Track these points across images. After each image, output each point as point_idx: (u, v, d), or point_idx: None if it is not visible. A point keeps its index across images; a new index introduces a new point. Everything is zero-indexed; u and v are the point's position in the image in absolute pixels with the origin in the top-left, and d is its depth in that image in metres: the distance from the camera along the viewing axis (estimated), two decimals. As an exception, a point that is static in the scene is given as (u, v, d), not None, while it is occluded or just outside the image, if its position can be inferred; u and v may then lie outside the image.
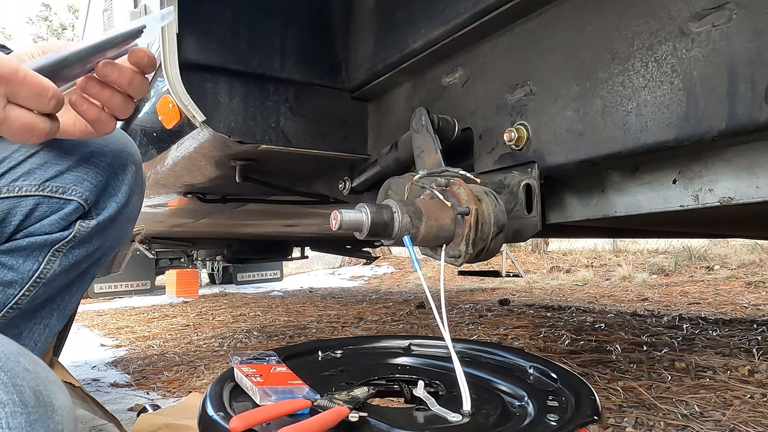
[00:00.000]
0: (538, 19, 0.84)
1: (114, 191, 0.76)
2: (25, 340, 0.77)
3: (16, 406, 0.40)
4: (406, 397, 0.74)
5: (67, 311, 0.81)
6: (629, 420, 1.31)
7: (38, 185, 0.70)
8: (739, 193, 0.73)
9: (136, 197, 0.80)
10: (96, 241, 0.77)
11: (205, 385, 1.89)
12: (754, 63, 0.58)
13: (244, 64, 1.12)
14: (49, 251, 0.72)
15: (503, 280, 5.49)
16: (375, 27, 1.13)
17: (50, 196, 0.70)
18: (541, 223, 0.83)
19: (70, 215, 0.72)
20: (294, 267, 10.07)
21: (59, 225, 0.72)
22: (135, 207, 0.81)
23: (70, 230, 0.73)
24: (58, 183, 0.71)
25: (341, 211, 0.69)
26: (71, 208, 0.72)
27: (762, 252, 5.74)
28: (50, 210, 0.71)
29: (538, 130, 0.83)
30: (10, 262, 0.71)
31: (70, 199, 0.71)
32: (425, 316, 3.32)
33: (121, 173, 0.76)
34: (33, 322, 0.77)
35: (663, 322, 2.79)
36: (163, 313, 4.41)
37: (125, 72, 0.61)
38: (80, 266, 0.78)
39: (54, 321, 0.79)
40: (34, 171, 0.70)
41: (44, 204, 0.70)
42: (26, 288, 0.72)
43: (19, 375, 0.42)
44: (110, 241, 0.79)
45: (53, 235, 0.72)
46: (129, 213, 0.80)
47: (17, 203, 0.69)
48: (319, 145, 1.22)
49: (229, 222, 2.56)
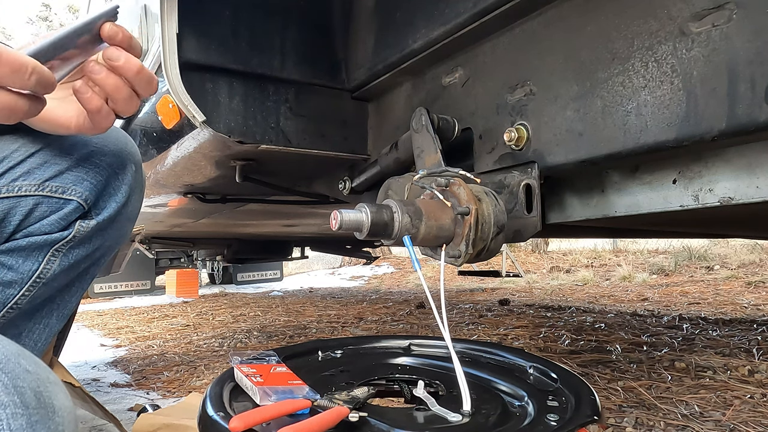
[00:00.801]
0: (538, 19, 0.84)
1: (114, 191, 0.76)
2: (25, 339, 0.77)
3: (17, 407, 0.40)
4: (406, 397, 0.75)
5: (67, 311, 0.81)
6: (629, 420, 1.31)
7: (38, 185, 0.70)
8: (739, 193, 0.73)
9: (136, 197, 0.80)
10: (96, 240, 0.77)
11: (205, 385, 1.89)
12: (754, 63, 0.58)
13: (244, 64, 1.12)
14: (48, 251, 0.72)
15: (503, 280, 5.49)
16: (375, 27, 1.13)
17: (50, 195, 0.70)
18: (541, 223, 0.83)
19: (69, 215, 0.72)
20: (294, 267, 10.07)
21: (59, 225, 0.72)
22: (135, 207, 0.81)
23: (70, 230, 0.73)
24: (57, 183, 0.71)
25: (341, 211, 0.69)
26: (71, 208, 0.72)
27: (762, 252, 5.74)
28: (50, 210, 0.71)
29: (538, 130, 0.83)
30: (9, 262, 0.71)
31: (69, 199, 0.71)
32: (425, 316, 3.32)
33: (121, 173, 0.76)
34: (33, 322, 0.77)
35: (663, 322, 2.79)
36: (163, 313, 4.41)
37: (133, 61, 0.61)
38: (80, 266, 0.78)
39: (54, 320, 0.80)
40: (33, 171, 0.70)
41: (44, 204, 0.70)
42: (26, 288, 0.72)
43: (20, 376, 0.41)
44: (110, 241, 0.80)
45: (53, 235, 0.72)
46: (129, 213, 0.80)
47: (17, 203, 0.69)
48: (319, 145, 1.22)
49: (229, 222, 2.56)
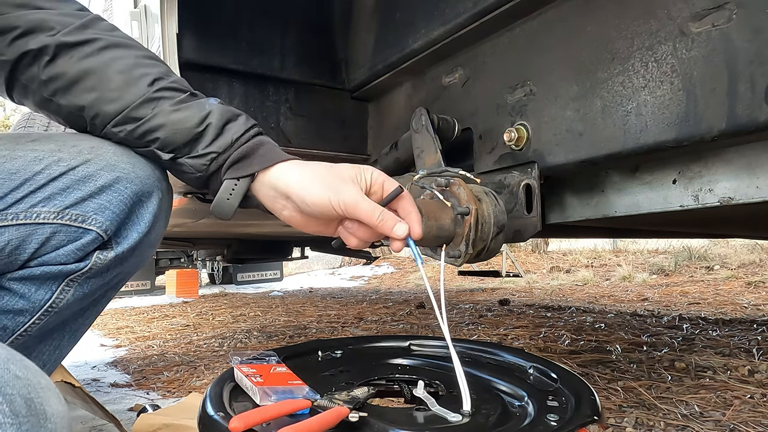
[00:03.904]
0: (538, 19, 0.84)
1: (137, 220, 0.72)
2: (35, 360, 0.72)
3: (6, 416, 0.38)
4: (406, 397, 0.74)
5: (80, 334, 0.78)
6: (629, 420, 1.31)
7: (57, 212, 0.66)
8: (739, 193, 0.73)
9: (161, 224, 0.77)
10: (113, 270, 0.73)
11: (205, 385, 1.89)
12: (754, 63, 0.58)
13: (244, 64, 1.12)
14: (63, 281, 0.69)
15: (503, 280, 5.49)
16: (375, 27, 1.13)
17: (69, 224, 0.67)
18: (541, 223, 0.83)
19: (87, 246, 0.68)
20: (294, 267, 10.07)
21: (75, 256, 0.68)
22: (158, 233, 0.77)
23: (87, 261, 0.69)
24: (78, 211, 0.67)
25: (341, 211, 0.69)
26: (89, 239, 0.68)
27: (762, 252, 5.74)
28: (67, 239, 0.67)
29: (538, 130, 0.83)
30: (21, 290, 0.68)
31: (89, 229, 0.67)
32: (425, 316, 3.32)
33: (147, 201, 0.72)
34: (43, 344, 0.75)
35: (663, 322, 2.79)
36: (163, 313, 4.41)
37: None
38: (95, 294, 0.74)
39: (65, 343, 0.77)
40: (54, 196, 0.66)
41: (61, 233, 0.67)
42: (37, 317, 0.69)
43: (9, 383, 0.40)
44: (129, 268, 0.76)
45: (69, 266, 0.68)
46: (151, 240, 0.76)
47: (33, 230, 0.66)
48: (319, 145, 1.22)
49: (229, 222, 2.56)
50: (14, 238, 0.65)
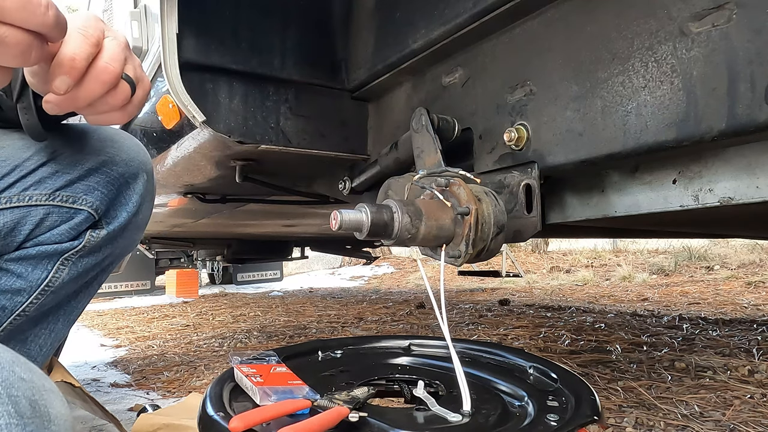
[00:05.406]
0: (538, 19, 0.84)
1: (125, 200, 0.76)
2: (31, 344, 0.77)
3: (11, 417, 0.39)
4: (406, 397, 0.74)
5: (74, 317, 0.81)
6: (629, 420, 1.31)
7: (49, 194, 0.70)
8: (739, 193, 0.72)
9: (147, 205, 0.81)
10: (105, 249, 0.77)
11: (205, 385, 1.89)
12: (754, 63, 0.58)
13: (244, 64, 1.12)
14: (58, 260, 0.73)
15: (503, 280, 5.49)
16: (375, 27, 1.13)
17: (60, 205, 0.70)
18: (541, 223, 0.83)
19: (79, 225, 0.72)
20: (294, 267, 10.06)
21: (69, 234, 0.72)
22: (145, 215, 0.81)
23: (80, 240, 0.73)
24: (68, 192, 0.71)
25: (341, 211, 0.69)
26: (81, 218, 0.72)
27: (762, 252, 5.74)
28: (60, 219, 0.71)
29: (538, 130, 0.83)
30: (18, 270, 0.71)
31: (80, 209, 0.72)
32: (425, 316, 3.32)
33: (133, 182, 0.76)
34: (39, 327, 0.77)
35: (663, 322, 2.79)
36: (163, 313, 4.41)
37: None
38: (88, 274, 0.78)
39: (60, 326, 0.80)
40: (44, 180, 0.70)
41: (54, 213, 0.70)
42: (34, 296, 0.72)
43: (14, 385, 0.41)
44: (119, 249, 0.80)
45: (63, 244, 0.72)
46: (139, 221, 0.80)
47: (27, 212, 0.69)
48: (319, 145, 1.22)
49: (229, 222, 2.56)
50: (9, 221, 0.68)
